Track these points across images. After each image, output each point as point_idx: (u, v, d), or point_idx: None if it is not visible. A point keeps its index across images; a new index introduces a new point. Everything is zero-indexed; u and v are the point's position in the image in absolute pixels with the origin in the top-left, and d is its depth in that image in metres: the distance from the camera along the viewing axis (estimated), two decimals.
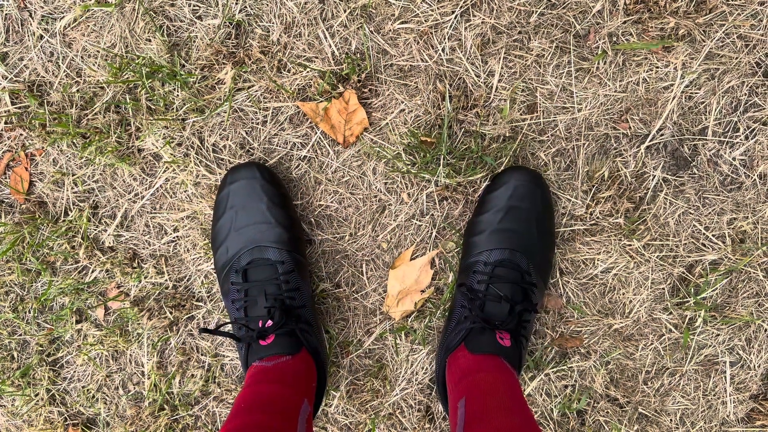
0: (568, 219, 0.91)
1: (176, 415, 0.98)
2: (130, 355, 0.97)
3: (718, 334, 0.94)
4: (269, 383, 0.74)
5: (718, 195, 0.90)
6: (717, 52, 0.86)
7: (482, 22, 0.85)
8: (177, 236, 0.94)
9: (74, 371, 0.98)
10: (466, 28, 0.86)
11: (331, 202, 0.92)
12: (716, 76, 0.87)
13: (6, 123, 0.91)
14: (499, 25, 0.86)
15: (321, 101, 0.88)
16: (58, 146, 0.91)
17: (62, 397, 0.99)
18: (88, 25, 0.88)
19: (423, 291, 0.93)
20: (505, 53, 0.87)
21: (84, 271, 0.95)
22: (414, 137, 0.88)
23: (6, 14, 0.88)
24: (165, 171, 0.91)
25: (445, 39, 0.86)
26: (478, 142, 0.88)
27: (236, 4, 0.86)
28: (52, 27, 0.88)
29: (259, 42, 0.87)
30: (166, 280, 0.94)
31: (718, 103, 0.88)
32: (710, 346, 0.95)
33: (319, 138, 0.90)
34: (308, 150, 0.90)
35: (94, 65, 0.88)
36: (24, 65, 0.89)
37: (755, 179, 0.90)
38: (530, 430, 0.65)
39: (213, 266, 0.93)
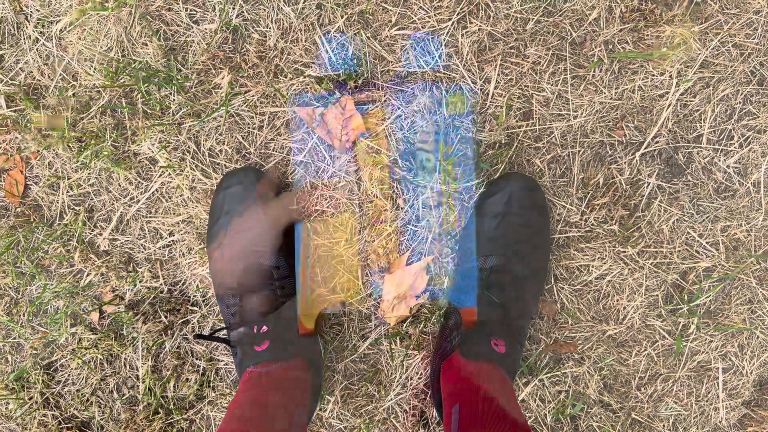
0: (563, 225, 0.91)
1: (171, 419, 0.98)
2: (125, 358, 0.97)
3: (711, 341, 0.95)
4: (263, 389, 0.74)
5: (712, 202, 0.91)
6: (712, 60, 0.86)
7: (479, 29, 0.86)
8: (172, 240, 0.93)
9: (68, 375, 0.98)
10: (462, 35, 0.86)
11: (327, 207, 0.92)
12: (711, 85, 0.87)
13: (1, 126, 0.91)
14: (495, 32, 0.86)
15: (317, 107, 0.88)
16: (54, 150, 0.91)
17: (56, 400, 0.99)
18: (85, 29, 0.87)
19: (418, 296, 0.93)
20: (501, 60, 0.87)
21: (79, 275, 0.95)
22: (410, 143, 0.88)
23: (2, 17, 0.88)
24: (161, 175, 0.91)
25: (441, 45, 0.86)
26: (474, 148, 0.88)
27: (233, 9, 0.86)
28: (48, 30, 0.88)
29: (256, 47, 0.87)
30: (161, 284, 0.94)
31: (713, 111, 0.88)
32: (703, 352, 0.95)
33: (315, 143, 0.90)
34: (304, 155, 0.90)
35: (90, 69, 0.88)
36: (20, 68, 0.89)
37: (749, 187, 0.90)
38: None
39: (208, 270, 0.93)
